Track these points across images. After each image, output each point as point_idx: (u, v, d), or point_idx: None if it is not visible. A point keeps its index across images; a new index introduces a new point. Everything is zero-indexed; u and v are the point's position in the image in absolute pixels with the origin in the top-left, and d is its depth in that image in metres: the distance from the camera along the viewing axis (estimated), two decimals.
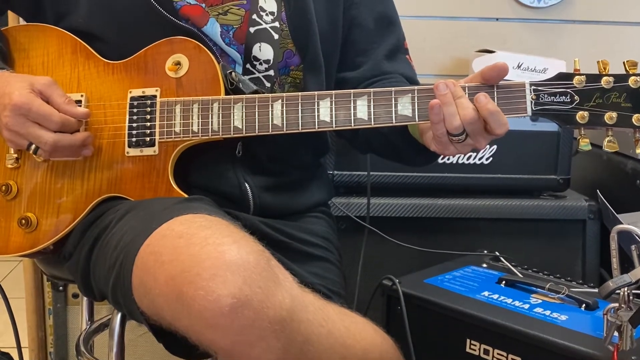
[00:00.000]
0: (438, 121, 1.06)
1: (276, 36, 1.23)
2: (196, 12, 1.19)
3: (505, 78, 1.08)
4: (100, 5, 1.19)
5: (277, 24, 1.23)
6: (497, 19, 2.26)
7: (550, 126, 1.80)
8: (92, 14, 1.19)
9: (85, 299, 1.44)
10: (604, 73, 1.05)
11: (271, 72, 1.23)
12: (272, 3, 1.24)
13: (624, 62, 1.04)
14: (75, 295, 1.97)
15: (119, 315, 1.15)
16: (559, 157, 1.82)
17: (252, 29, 1.21)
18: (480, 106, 1.04)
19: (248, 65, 1.21)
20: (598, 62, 1.05)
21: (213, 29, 1.19)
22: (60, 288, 1.97)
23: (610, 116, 1.04)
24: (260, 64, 1.22)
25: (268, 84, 1.23)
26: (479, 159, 1.81)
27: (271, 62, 1.22)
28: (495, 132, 1.05)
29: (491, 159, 1.81)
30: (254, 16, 1.22)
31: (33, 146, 1.10)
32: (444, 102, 1.05)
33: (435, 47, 2.22)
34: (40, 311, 2.01)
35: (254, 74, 1.22)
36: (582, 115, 1.05)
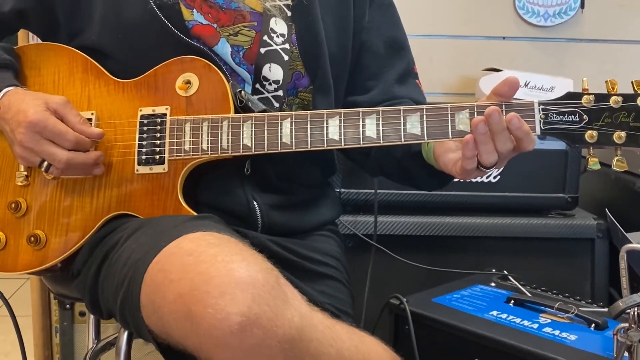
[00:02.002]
0: (471, 156, 1.04)
1: (286, 57, 1.24)
2: (208, 32, 1.20)
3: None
4: (112, 23, 1.20)
5: (287, 45, 1.24)
6: (504, 38, 2.27)
7: (558, 144, 1.80)
8: (104, 32, 1.21)
9: (92, 317, 1.43)
10: (612, 92, 1.04)
11: (280, 93, 1.24)
12: (282, 25, 1.25)
13: (632, 82, 1.04)
14: (82, 314, 1.97)
15: (126, 333, 1.15)
16: (567, 175, 1.82)
17: (262, 50, 1.22)
18: (515, 128, 1.02)
19: (257, 85, 1.22)
20: (606, 81, 1.05)
21: (223, 48, 1.20)
22: (67, 306, 1.97)
23: (619, 135, 1.03)
24: (270, 84, 1.23)
25: (277, 104, 1.23)
26: (487, 177, 1.81)
27: (280, 82, 1.23)
28: (527, 149, 1.04)
29: (499, 177, 1.81)
30: (265, 37, 1.22)
31: (45, 163, 1.11)
32: (481, 141, 1.02)
33: (442, 65, 2.23)
34: (47, 329, 2.01)
35: (263, 94, 1.23)
36: (591, 135, 1.04)
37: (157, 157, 1.15)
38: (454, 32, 2.25)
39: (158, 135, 1.15)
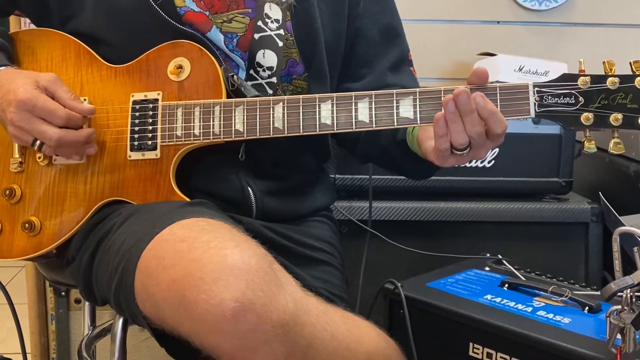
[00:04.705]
0: (442, 134, 1.03)
1: (280, 44, 1.23)
2: (199, 19, 1.19)
3: (506, 81, 1.07)
4: (104, 9, 1.19)
5: (281, 31, 1.23)
6: (498, 22, 2.26)
7: (552, 129, 1.80)
8: (96, 17, 1.20)
9: (87, 304, 1.43)
10: (609, 74, 1.03)
11: (274, 79, 1.23)
12: (277, 11, 1.24)
13: (630, 63, 1.02)
14: (77, 301, 1.97)
15: (121, 320, 1.15)
16: (561, 159, 1.82)
17: (256, 36, 1.21)
18: (480, 107, 1.01)
19: (251, 71, 1.21)
20: (604, 62, 1.03)
21: (216, 36, 1.19)
22: (63, 293, 1.97)
23: (615, 117, 1.02)
24: (264, 70, 1.22)
25: (270, 91, 1.23)
26: (481, 162, 1.81)
27: (274, 69, 1.22)
28: (496, 132, 1.03)
29: (493, 161, 1.81)
30: (259, 23, 1.22)
31: (38, 142, 1.10)
32: (450, 120, 1.02)
33: (437, 50, 2.22)
34: (42, 317, 2.01)
35: (257, 80, 1.22)
36: (586, 117, 1.03)
37: (149, 142, 1.14)
38: (448, 17, 2.24)
39: (150, 120, 1.15)
